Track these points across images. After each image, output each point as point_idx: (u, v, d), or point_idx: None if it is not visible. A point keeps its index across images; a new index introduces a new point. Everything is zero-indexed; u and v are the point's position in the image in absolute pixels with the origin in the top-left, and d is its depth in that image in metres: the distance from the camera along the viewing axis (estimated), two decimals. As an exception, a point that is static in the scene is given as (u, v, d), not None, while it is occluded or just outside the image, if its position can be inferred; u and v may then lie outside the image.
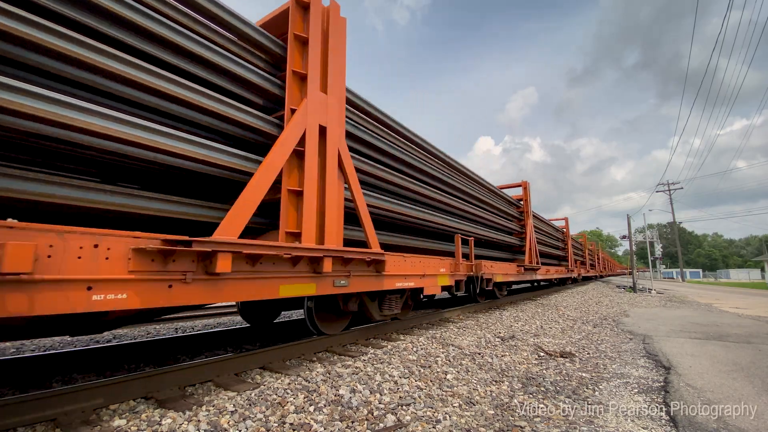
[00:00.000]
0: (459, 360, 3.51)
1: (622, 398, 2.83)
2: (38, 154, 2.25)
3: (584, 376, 3.36)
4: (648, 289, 16.83)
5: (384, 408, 2.33)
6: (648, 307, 9.75)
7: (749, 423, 2.38)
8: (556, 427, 2.27)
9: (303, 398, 2.35)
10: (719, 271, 73.63)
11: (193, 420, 1.99)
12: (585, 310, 8.40)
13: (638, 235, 29.81)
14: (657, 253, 29.62)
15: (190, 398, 2.30)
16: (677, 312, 8.65)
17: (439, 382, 2.89)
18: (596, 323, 6.61)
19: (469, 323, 5.53)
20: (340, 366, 3.06)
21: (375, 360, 3.27)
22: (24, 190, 1.95)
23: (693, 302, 11.42)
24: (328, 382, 2.65)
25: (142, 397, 2.32)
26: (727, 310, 9.08)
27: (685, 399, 2.77)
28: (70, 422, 1.93)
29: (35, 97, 1.87)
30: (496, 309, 7.56)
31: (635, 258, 20.50)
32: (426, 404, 2.44)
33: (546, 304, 9.14)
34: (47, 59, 2.00)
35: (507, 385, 3.01)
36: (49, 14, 2.04)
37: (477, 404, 2.56)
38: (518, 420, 2.35)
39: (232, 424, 1.98)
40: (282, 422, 2.05)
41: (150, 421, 1.96)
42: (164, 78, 2.44)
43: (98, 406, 2.12)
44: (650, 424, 2.34)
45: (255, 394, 2.37)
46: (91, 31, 2.19)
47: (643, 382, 3.21)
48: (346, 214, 3.82)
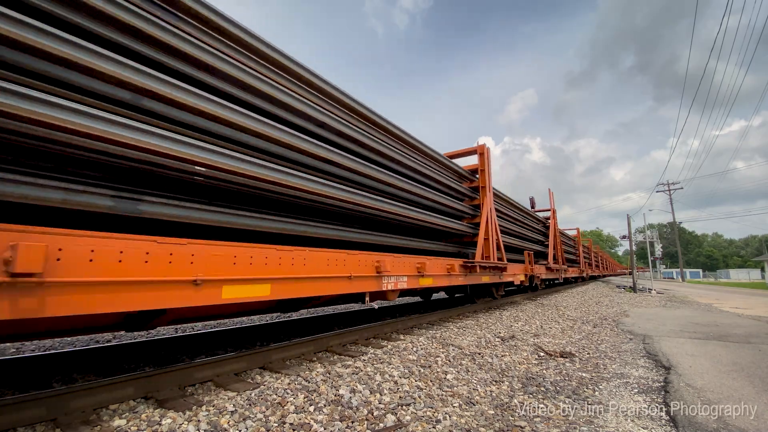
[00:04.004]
0: (459, 360, 3.51)
1: (622, 398, 2.83)
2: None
3: (584, 376, 3.36)
4: (648, 289, 16.84)
5: (384, 408, 2.33)
6: (648, 307, 9.75)
7: (749, 423, 2.38)
8: (556, 427, 2.27)
9: (303, 398, 2.35)
10: (719, 271, 73.63)
11: (193, 420, 1.99)
12: (585, 310, 8.40)
13: (638, 235, 29.84)
14: (657, 253, 29.64)
15: (190, 398, 2.30)
16: (677, 312, 8.65)
17: (439, 382, 2.89)
18: (596, 323, 6.61)
19: (469, 323, 5.53)
20: (340, 366, 3.06)
21: (375, 360, 3.27)
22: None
23: (693, 302, 11.42)
24: (328, 382, 2.65)
25: (142, 397, 2.32)
26: (727, 310, 9.08)
27: (685, 399, 2.77)
28: (70, 422, 1.93)
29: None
30: (496, 309, 7.56)
31: (635, 258, 20.51)
32: (426, 404, 2.44)
33: (546, 304, 9.13)
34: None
35: (507, 385, 3.01)
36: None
37: (477, 404, 2.56)
38: (518, 420, 2.35)
39: (232, 424, 1.98)
40: (282, 422, 2.05)
41: (150, 421, 1.96)
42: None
43: (98, 406, 2.12)
44: (650, 424, 2.34)
45: (255, 394, 2.37)
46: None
47: (643, 382, 3.21)
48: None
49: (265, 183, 2.94)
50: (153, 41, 2.37)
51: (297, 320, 5.60)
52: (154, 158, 2.27)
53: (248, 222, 2.99)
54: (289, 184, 3.11)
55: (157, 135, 2.24)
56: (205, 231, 2.91)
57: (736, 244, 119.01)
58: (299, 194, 3.30)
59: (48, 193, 1.96)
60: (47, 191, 1.96)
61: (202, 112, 2.54)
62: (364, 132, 4.22)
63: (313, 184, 3.36)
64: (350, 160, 3.89)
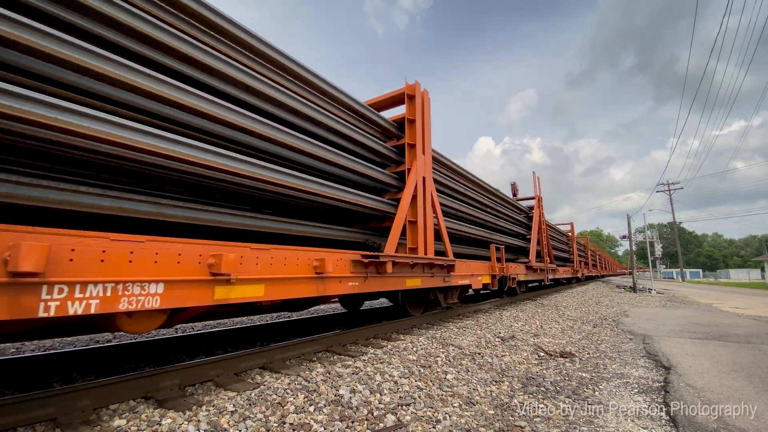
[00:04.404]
0: (459, 360, 3.51)
1: (622, 398, 2.83)
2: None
3: (584, 376, 3.36)
4: (648, 289, 16.84)
5: (384, 408, 2.33)
6: (648, 307, 9.75)
7: (749, 423, 2.38)
8: (556, 427, 2.27)
9: (303, 398, 2.35)
10: (719, 271, 73.64)
11: (193, 420, 1.99)
12: (585, 310, 8.40)
13: (638, 235, 29.84)
14: (657, 253, 29.65)
15: (189, 398, 2.30)
16: (677, 312, 8.65)
17: (439, 382, 2.89)
18: (596, 323, 6.61)
19: (469, 323, 5.53)
20: (340, 366, 3.06)
21: (375, 360, 3.27)
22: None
23: (693, 302, 11.42)
24: (328, 382, 2.65)
25: (142, 397, 2.32)
26: (727, 310, 9.08)
27: (685, 399, 2.77)
28: (70, 422, 1.93)
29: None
30: (496, 309, 7.55)
31: (635, 258, 20.50)
32: (426, 404, 2.44)
33: (546, 304, 9.13)
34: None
35: (507, 385, 3.01)
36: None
37: (477, 404, 2.56)
38: (518, 420, 2.35)
39: (232, 424, 1.98)
40: (282, 422, 2.05)
41: (150, 421, 1.96)
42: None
43: (98, 406, 2.12)
44: (650, 424, 2.34)
45: (255, 394, 2.37)
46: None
47: (643, 382, 3.21)
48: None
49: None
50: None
51: (297, 320, 5.60)
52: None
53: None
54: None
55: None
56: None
57: (736, 244, 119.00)
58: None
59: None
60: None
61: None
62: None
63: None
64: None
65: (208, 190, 3.07)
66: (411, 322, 5.11)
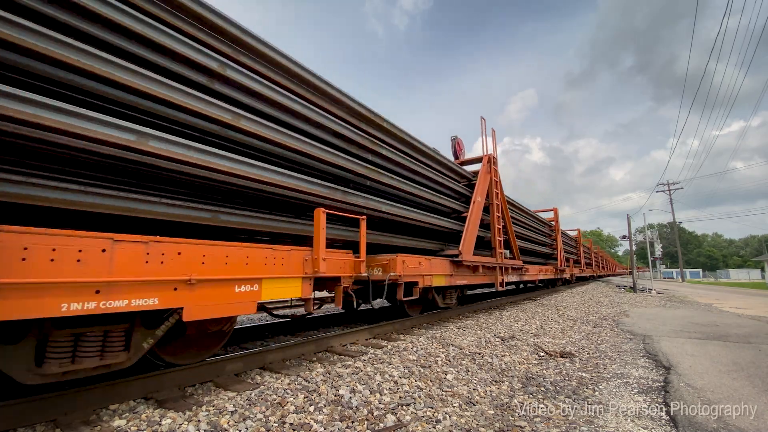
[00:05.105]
0: (459, 360, 3.51)
1: (622, 398, 2.83)
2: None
3: (584, 376, 3.36)
4: (648, 289, 16.84)
5: (384, 408, 2.33)
6: (648, 307, 9.75)
7: (749, 423, 2.38)
8: (556, 427, 2.27)
9: (303, 398, 2.35)
10: (719, 271, 73.62)
11: (193, 420, 2.00)
12: (585, 310, 8.40)
13: (638, 235, 29.84)
14: (657, 253, 29.65)
15: (189, 398, 2.31)
16: (677, 312, 8.65)
17: (439, 382, 2.89)
18: (596, 323, 6.61)
19: (469, 323, 5.53)
20: (340, 366, 3.06)
21: (375, 360, 3.27)
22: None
23: (693, 302, 11.43)
24: (328, 382, 2.65)
25: (142, 397, 2.32)
26: (727, 310, 9.08)
27: (685, 399, 2.77)
28: (70, 422, 1.93)
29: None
30: (496, 309, 7.56)
31: (635, 258, 20.51)
32: (426, 404, 2.44)
33: (546, 304, 9.14)
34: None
35: (507, 385, 3.01)
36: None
37: (477, 404, 2.56)
38: (518, 420, 2.35)
39: (232, 424, 1.98)
40: (282, 422, 2.05)
41: (150, 421, 1.96)
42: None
43: (98, 406, 2.12)
44: (650, 424, 2.34)
45: (255, 394, 2.37)
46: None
47: (643, 382, 3.21)
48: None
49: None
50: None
51: (297, 320, 5.59)
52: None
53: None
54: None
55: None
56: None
57: (736, 244, 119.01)
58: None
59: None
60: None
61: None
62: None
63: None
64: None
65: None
66: (410, 322, 5.11)
